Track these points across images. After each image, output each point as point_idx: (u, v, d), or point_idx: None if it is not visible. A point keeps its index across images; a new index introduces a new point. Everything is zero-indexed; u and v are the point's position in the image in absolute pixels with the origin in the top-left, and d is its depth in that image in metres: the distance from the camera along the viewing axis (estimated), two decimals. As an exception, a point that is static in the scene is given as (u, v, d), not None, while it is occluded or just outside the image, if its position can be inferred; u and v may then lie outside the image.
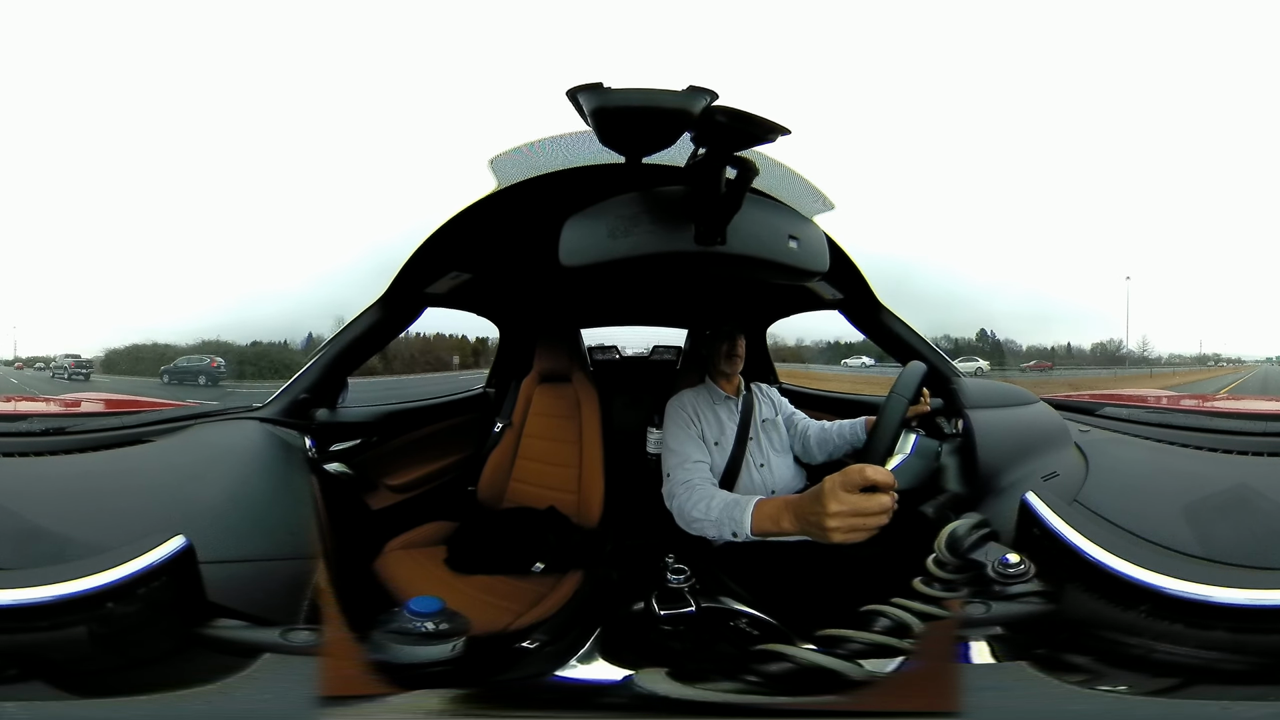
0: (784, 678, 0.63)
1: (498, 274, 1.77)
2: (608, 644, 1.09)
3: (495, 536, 1.63)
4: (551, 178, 1.10)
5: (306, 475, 1.12)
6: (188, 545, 0.69)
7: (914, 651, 0.65)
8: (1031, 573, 0.72)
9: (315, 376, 1.46)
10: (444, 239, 1.31)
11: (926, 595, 0.72)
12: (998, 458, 1.06)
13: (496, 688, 0.87)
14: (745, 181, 0.72)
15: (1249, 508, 0.82)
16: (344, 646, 0.68)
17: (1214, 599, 0.65)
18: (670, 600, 1.12)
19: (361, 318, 1.52)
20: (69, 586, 0.64)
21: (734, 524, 1.14)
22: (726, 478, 1.55)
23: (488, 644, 1.20)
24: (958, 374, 1.51)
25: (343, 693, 0.61)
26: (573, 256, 0.77)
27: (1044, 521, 0.76)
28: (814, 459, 1.71)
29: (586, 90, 0.65)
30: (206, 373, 16.81)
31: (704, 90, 0.63)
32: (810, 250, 0.84)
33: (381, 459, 1.88)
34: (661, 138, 0.70)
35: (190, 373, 16.80)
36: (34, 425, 1.13)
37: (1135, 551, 0.70)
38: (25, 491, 0.87)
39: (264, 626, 0.68)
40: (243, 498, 0.92)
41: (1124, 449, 1.08)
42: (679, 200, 0.75)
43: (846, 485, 0.88)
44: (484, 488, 1.94)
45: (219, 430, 1.21)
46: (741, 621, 1.13)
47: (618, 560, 1.62)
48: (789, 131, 0.65)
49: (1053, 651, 0.66)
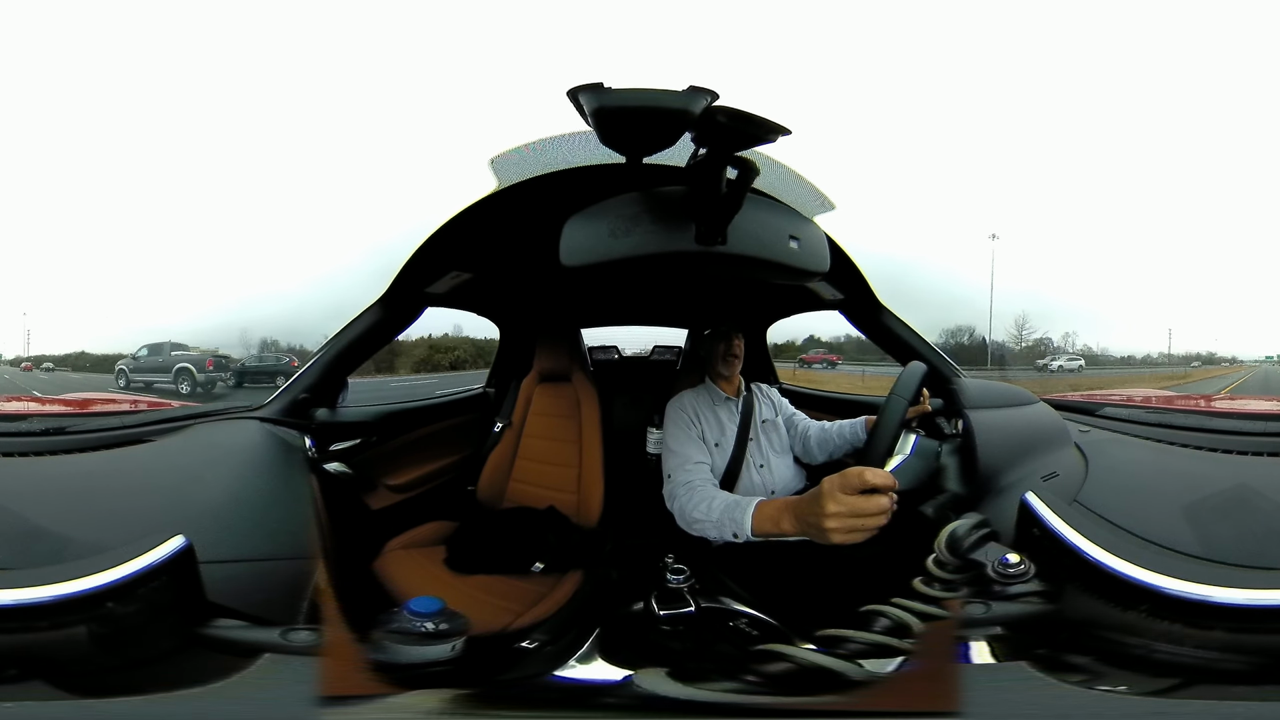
0: (784, 678, 0.63)
1: (498, 274, 1.77)
2: (607, 644, 1.09)
3: (495, 536, 1.63)
4: (552, 178, 1.10)
5: (306, 475, 1.12)
6: (187, 545, 0.69)
7: (914, 651, 0.65)
8: (1031, 573, 0.72)
9: (315, 376, 1.46)
10: (444, 239, 1.31)
11: (926, 595, 0.72)
12: (998, 458, 1.06)
13: (496, 688, 0.87)
14: (746, 182, 0.72)
15: (1249, 508, 0.82)
16: (344, 646, 0.68)
17: (1214, 599, 0.65)
18: (670, 600, 1.11)
19: (362, 317, 1.52)
20: (69, 586, 0.64)
21: (734, 525, 1.14)
22: (727, 478, 1.55)
23: (487, 644, 1.20)
24: (958, 374, 1.51)
25: (343, 693, 0.61)
26: (573, 256, 0.77)
27: (1044, 521, 0.76)
28: (814, 459, 1.71)
29: (587, 90, 0.65)
30: (286, 373, 15.23)
31: (705, 90, 0.63)
32: (811, 250, 0.85)
33: (381, 459, 1.88)
34: (662, 138, 0.70)
35: (266, 373, 14.40)
36: (34, 425, 1.13)
37: (1135, 551, 0.70)
38: (25, 491, 0.87)
39: (264, 626, 0.68)
40: (243, 498, 0.92)
41: (1124, 449, 1.08)
42: (679, 200, 0.75)
43: (845, 487, 0.89)
44: (484, 488, 1.94)
45: (219, 430, 1.21)
46: (741, 621, 1.13)
47: (617, 560, 1.62)
48: (790, 132, 0.65)
49: (1053, 651, 0.66)
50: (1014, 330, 29.02)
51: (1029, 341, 28.83)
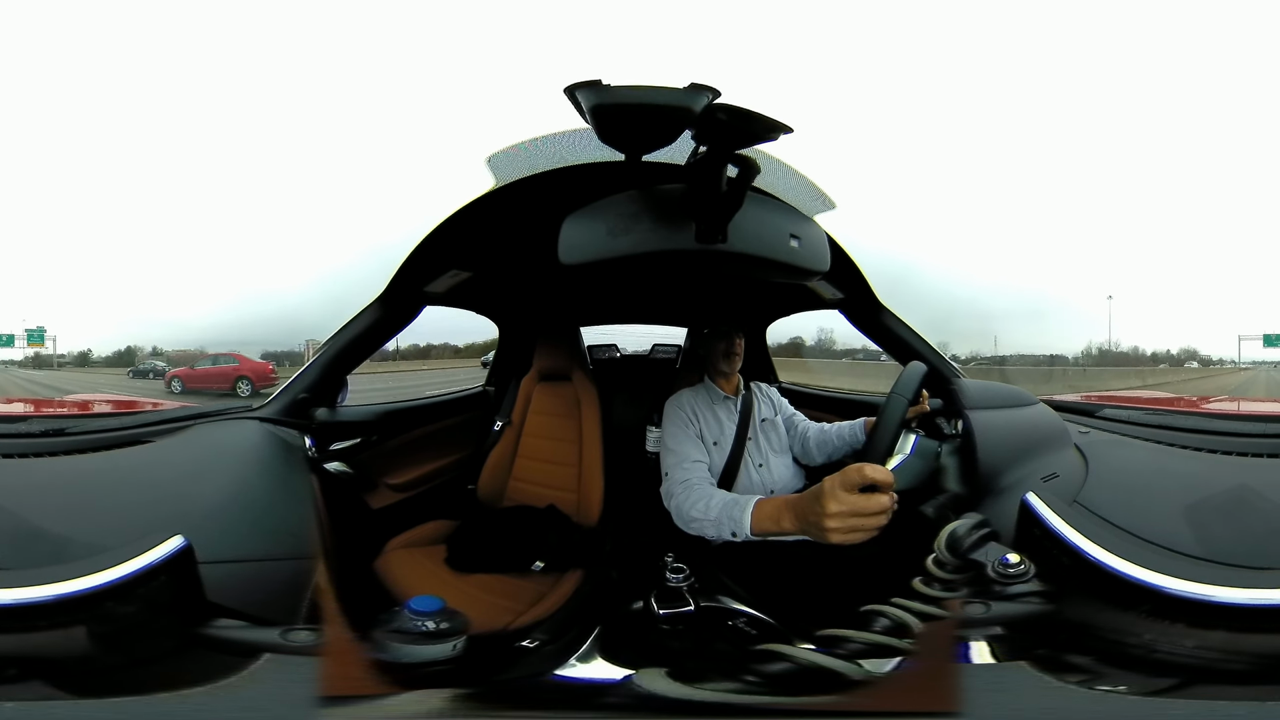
0: (783, 677, 0.63)
1: (497, 272, 1.77)
2: (607, 643, 1.09)
3: (495, 535, 1.63)
4: (551, 175, 1.10)
5: (306, 475, 1.12)
6: (187, 545, 0.69)
7: (914, 651, 0.65)
8: (1031, 573, 0.71)
9: (315, 376, 1.46)
10: (443, 237, 1.31)
11: (926, 595, 0.72)
12: (997, 458, 1.06)
13: (496, 687, 0.87)
14: (746, 180, 0.72)
15: (1249, 508, 0.82)
16: (344, 646, 0.68)
17: (1214, 599, 0.64)
18: (669, 599, 1.11)
19: (360, 317, 1.52)
20: (69, 586, 0.64)
21: (733, 523, 1.14)
22: (725, 477, 1.55)
23: (488, 643, 1.20)
24: (958, 374, 1.51)
25: (343, 693, 0.61)
26: (572, 254, 0.76)
27: (1044, 522, 0.76)
28: (813, 460, 1.71)
29: (586, 87, 0.65)
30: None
31: (706, 88, 0.63)
32: (811, 249, 0.84)
33: (381, 458, 1.88)
34: (662, 135, 0.69)
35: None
36: (34, 425, 1.13)
37: (1135, 552, 0.70)
38: (25, 491, 0.87)
39: (264, 626, 0.68)
40: (242, 498, 0.92)
41: (1124, 450, 1.08)
42: (679, 198, 0.75)
43: (846, 485, 0.88)
44: (484, 486, 1.94)
45: (219, 430, 1.21)
46: (740, 621, 1.13)
47: (617, 559, 1.62)
48: (791, 130, 0.65)
49: (1053, 651, 0.65)
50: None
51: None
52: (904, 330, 1.61)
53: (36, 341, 24.35)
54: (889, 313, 1.61)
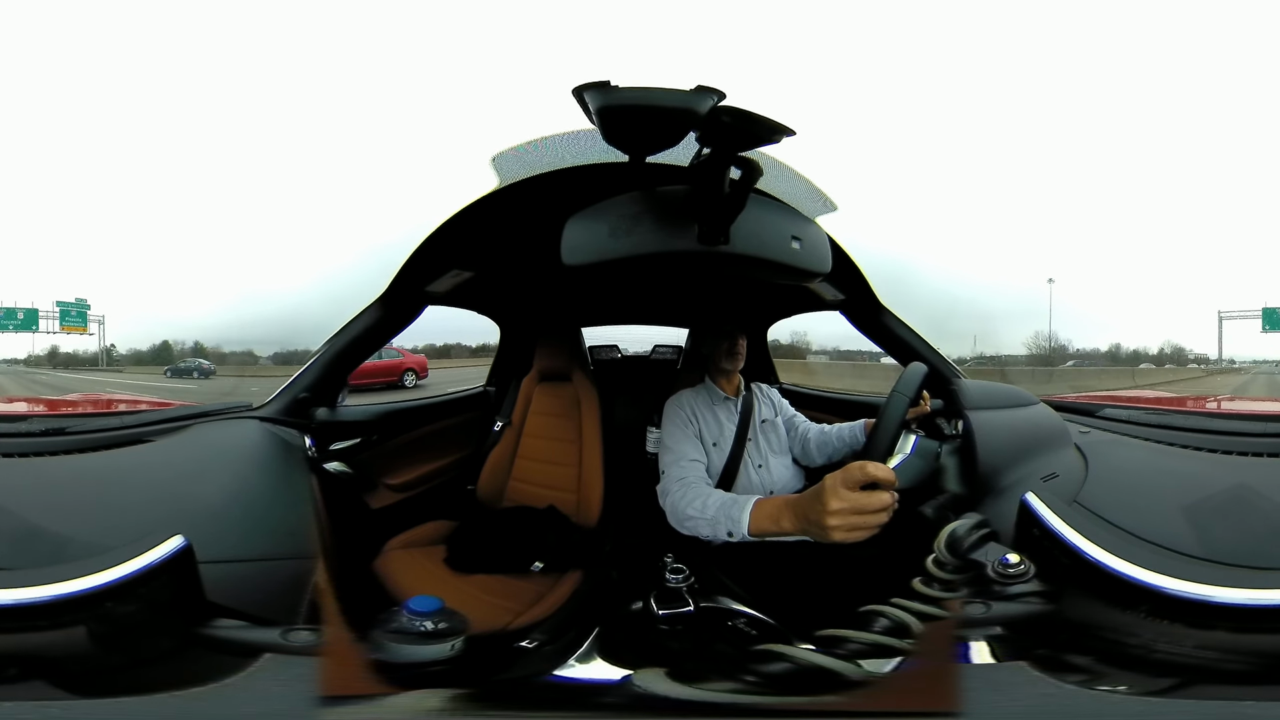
0: (783, 678, 0.63)
1: (499, 272, 1.77)
2: (606, 643, 1.09)
3: (495, 536, 1.63)
4: (554, 176, 1.10)
5: (306, 475, 1.12)
6: (186, 545, 0.69)
7: (914, 652, 0.65)
8: (1031, 573, 0.72)
9: (315, 376, 1.46)
10: (445, 237, 1.31)
11: (926, 595, 0.72)
12: (997, 458, 1.06)
13: (495, 687, 0.87)
14: (749, 182, 0.72)
15: (1249, 508, 0.82)
16: (344, 646, 0.68)
17: (1214, 599, 0.65)
18: (669, 600, 1.11)
19: (361, 317, 1.51)
20: (68, 586, 0.64)
21: (731, 523, 1.13)
22: (725, 478, 1.55)
23: (487, 643, 1.20)
24: (958, 374, 1.51)
25: (342, 692, 0.61)
26: (575, 255, 0.76)
27: (1044, 522, 0.76)
28: (813, 461, 1.71)
29: (592, 88, 0.65)
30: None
31: (711, 90, 0.63)
32: (813, 251, 0.85)
33: (381, 458, 1.88)
34: (666, 137, 0.70)
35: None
36: (34, 425, 1.13)
37: (1135, 552, 0.70)
38: (25, 491, 0.87)
39: (264, 626, 0.68)
40: (242, 497, 0.92)
41: (1124, 450, 1.08)
42: (682, 200, 0.75)
43: (847, 482, 0.88)
44: (483, 487, 1.94)
45: (219, 430, 1.21)
46: (740, 621, 1.13)
47: (617, 560, 1.62)
48: (794, 133, 0.65)
49: (1053, 651, 0.65)
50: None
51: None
52: (905, 331, 1.61)
53: (75, 325, 15.99)
54: (889, 314, 1.62)
